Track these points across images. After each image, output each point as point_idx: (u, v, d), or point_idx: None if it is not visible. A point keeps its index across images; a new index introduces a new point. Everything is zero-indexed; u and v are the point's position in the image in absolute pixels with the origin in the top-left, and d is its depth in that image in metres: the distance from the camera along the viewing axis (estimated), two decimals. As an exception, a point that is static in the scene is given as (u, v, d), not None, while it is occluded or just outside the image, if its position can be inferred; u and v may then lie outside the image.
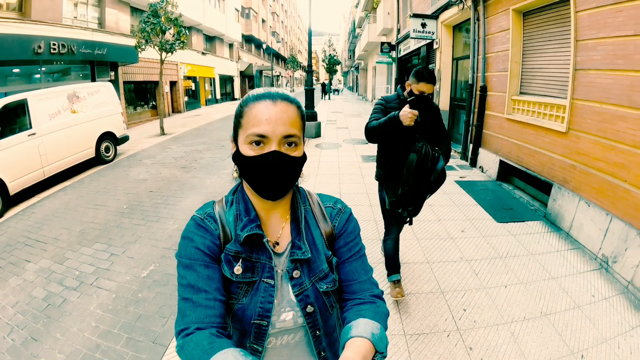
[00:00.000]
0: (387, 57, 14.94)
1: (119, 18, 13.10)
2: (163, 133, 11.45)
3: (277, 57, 45.41)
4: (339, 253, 0.85)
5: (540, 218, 4.10)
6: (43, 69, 9.94)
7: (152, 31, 10.18)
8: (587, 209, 3.47)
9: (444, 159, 2.20)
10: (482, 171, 5.82)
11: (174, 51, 10.97)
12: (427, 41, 8.44)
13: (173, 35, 10.95)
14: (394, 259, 2.58)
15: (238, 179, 0.87)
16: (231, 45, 27.00)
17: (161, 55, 10.91)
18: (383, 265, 3.02)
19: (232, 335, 0.80)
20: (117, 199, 5.32)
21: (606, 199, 3.25)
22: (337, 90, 41.04)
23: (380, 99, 2.34)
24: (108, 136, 7.78)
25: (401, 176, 2.22)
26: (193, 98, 20.74)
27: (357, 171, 6.18)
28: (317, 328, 0.81)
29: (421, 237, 3.65)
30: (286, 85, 54.84)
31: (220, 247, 0.78)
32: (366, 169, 6.26)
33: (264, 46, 35.02)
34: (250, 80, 32.08)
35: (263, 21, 35.27)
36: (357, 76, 37.91)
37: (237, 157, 0.77)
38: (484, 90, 5.58)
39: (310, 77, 9.85)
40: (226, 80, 26.81)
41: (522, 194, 4.79)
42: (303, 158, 0.78)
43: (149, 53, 11.59)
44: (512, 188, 5.05)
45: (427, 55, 9.26)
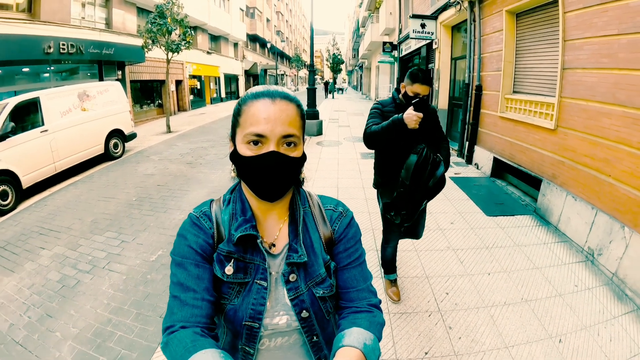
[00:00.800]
0: (389, 57, 15.07)
1: (126, 18, 13.38)
2: (169, 131, 11.71)
3: (282, 56, 45.63)
4: (338, 259, 0.83)
5: (530, 212, 4.24)
6: (52, 68, 10.22)
7: (159, 31, 10.44)
8: (574, 203, 3.59)
9: (445, 165, 2.10)
10: (477, 168, 5.96)
11: (180, 51, 11.23)
12: (427, 41, 8.59)
13: (179, 35, 11.20)
14: (392, 263, 2.61)
15: (236, 179, 0.85)
16: (236, 44, 27.26)
17: (167, 55, 11.16)
18: (377, 257, 3.20)
19: (226, 335, 0.80)
20: (127, 192, 5.56)
21: (592, 194, 3.36)
22: (341, 89, 41.10)
23: (376, 103, 2.27)
24: (116, 133, 8.06)
25: (399, 180, 2.12)
26: (198, 97, 21.05)
27: (356, 167, 6.37)
28: (315, 333, 0.80)
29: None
30: (291, 83, 55.05)
31: (213, 247, 0.77)
32: (364, 165, 6.45)
33: (269, 45, 35.27)
34: (255, 79, 32.32)
35: (267, 20, 35.48)
36: (361, 75, 37.97)
37: (235, 157, 0.75)
38: (480, 89, 5.73)
39: (312, 76, 10.03)
40: (231, 79, 27.08)
41: (515, 190, 4.93)
42: (302, 158, 0.76)
43: (155, 53, 11.85)
44: (505, 184, 5.19)
45: (427, 55, 9.40)
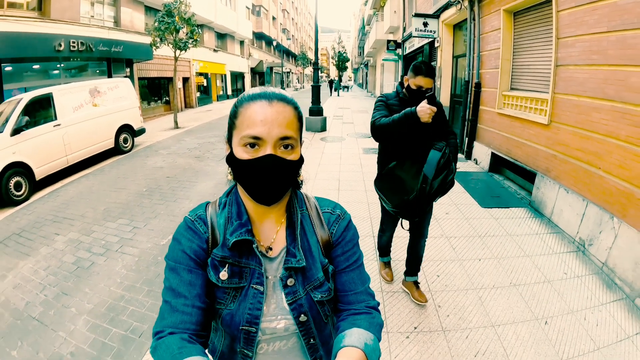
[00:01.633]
0: (394, 55, 15.16)
1: (134, 17, 13.64)
2: (177, 127, 11.97)
3: (288, 54, 45.78)
4: (336, 262, 0.83)
5: (525, 205, 4.37)
6: (61, 65, 10.50)
7: (167, 30, 10.68)
8: (566, 196, 3.72)
9: (453, 160, 2.09)
10: (476, 163, 6.08)
11: (188, 49, 11.47)
12: (429, 40, 8.70)
13: (186, 33, 11.42)
14: (386, 248, 2.79)
15: (232, 182, 0.84)
16: (242, 42, 27.50)
17: (175, 52, 11.40)
18: (373, 243, 3.36)
19: (224, 338, 0.80)
20: (137, 183, 5.80)
21: (583, 186, 3.48)
22: (347, 86, 41.24)
23: (380, 96, 2.28)
24: (126, 128, 8.32)
25: (405, 179, 2.09)
26: (205, 94, 21.33)
27: (357, 161, 6.54)
28: (312, 336, 0.80)
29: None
30: (297, 81, 55.23)
31: (207, 251, 0.76)
32: (365, 160, 6.63)
33: (275, 43, 35.44)
34: (260, 76, 32.55)
35: (273, 18, 35.65)
36: (367, 73, 38.00)
37: (231, 160, 0.74)
38: (479, 86, 5.85)
39: (316, 74, 10.18)
40: (237, 76, 27.35)
41: (511, 184, 5.06)
42: (300, 161, 0.76)
43: (162, 50, 12.09)
44: (503, 179, 5.32)
45: (430, 53, 9.52)
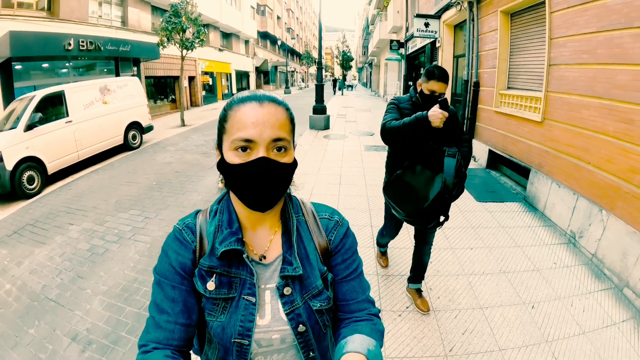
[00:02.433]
0: (397, 55, 15.29)
1: (141, 17, 13.89)
2: (183, 124, 12.23)
3: (292, 53, 46.01)
4: (336, 270, 0.81)
5: (519, 200, 4.52)
6: (70, 64, 10.77)
7: (174, 30, 10.92)
8: (558, 190, 3.85)
9: (464, 165, 2.05)
10: (475, 160, 6.23)
11: (194, 48, 11.69)
12: (431, 40, 8.84)
13: (193, 33, 11.65)
14: (385, 244, 2.90)
15: (224, 189, 0.81)
16: (247, 41, 27.76)
17: (182, 52, 11.63)
18: (371, 233, 3.52)
19: (218, 350, 0.78)
20: (147, 178, 6.03)
21: (574, 180, 3.60)
22: (351, 86, 41.38)
23: (393, 99, 2.26)
24: (135, 125, 8.58)
25: (416, 186, 2.05)
26: (210, 92, 21.62)
27: (359, 158, 6.74)
28: (311, 349, 0.77)
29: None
30: (301, 80, 55.42)
31: (194, 263, 0.75)
32: (366, 156, 6.83)
33: (279, 42, 35.71)
34: (265, 75, 32.81)
35: (278, 18, 35.88)
36: (371, 72, 38.09)
37: (222, 166, 0.71)
38: (477, 85, 6.00)
39: (320, 73, 10.35)
40: (242, 75, 27.60)
41: (507, 180, 5.21)
42: (294, 165, 0.72)
43: (169, 50, 12.34)
44: (499, 175, 5.47)
45: (431, 53, 9.66)
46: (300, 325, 0.74)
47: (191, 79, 18.82)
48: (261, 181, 0.67)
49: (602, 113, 3.21)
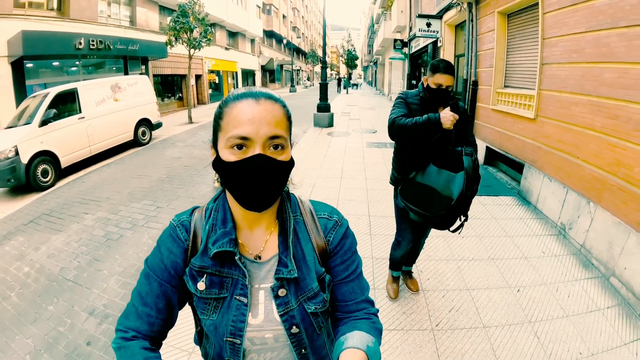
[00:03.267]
0: (400, 54, 15.43)
1: (149, 16, 14.18)
2: (191, 121, 12.51)
3: (298, 52, 46.19)
4: (335, 271, 0.80)
5: (513, 194, 4.68)
6: (79, 63, 11.08)
7: (182, 29, 11.19)
8: (550, 184, 4.00)
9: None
10: (473, 157, 6.39)
11: (201, 47, 11.95)
12: (433, 39, 9.00)
13: (200, 33, 11.91)
14: (400, 262, 2.53)
15: (220, 188, 0.81)
16: (253, 40, 28.03)
17: (189, 51, 11.89)
18: (368, 222, 3.72)
19: (213, 347, 0.79)
20: (157, 171, 6.30)
21: (564, 174, 3.74)
22: (356, 84, 41.46)
23: (401, 93, 2.22)
24: (144, 122, 8.88)
25: (436, 187, 1.99)
26: (217, 91, 21.95)
27: (360, 154, 6.94)
28: (303, 347, 0.77)
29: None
30: (307, 79, 55.62)
31: (185, 262, 0.75)
32: (368, 153, 7.03)
33: (285, 41, 35.89)
34: (271, 74, 33.06)
35: (284, 17, 36.08)
36: (376, 71, 38.14)
37: (218, 164, 0.70)
38: (476, 84, 6.16)
39: (324, 72, 10.54)
40: (248, 74, 27.87)
41: (503, 175, 5.37)
42: (290, 163, 0.71)
43: (176, 48, 12.58)
44: (496, 170, 5.63)
45: (433, 52, 9.83)
46: (293, 326, 0.74)
47: (198, 77, 19.10)
48: (257, 179, 0.65)
49: (591, 110, 3.33)
